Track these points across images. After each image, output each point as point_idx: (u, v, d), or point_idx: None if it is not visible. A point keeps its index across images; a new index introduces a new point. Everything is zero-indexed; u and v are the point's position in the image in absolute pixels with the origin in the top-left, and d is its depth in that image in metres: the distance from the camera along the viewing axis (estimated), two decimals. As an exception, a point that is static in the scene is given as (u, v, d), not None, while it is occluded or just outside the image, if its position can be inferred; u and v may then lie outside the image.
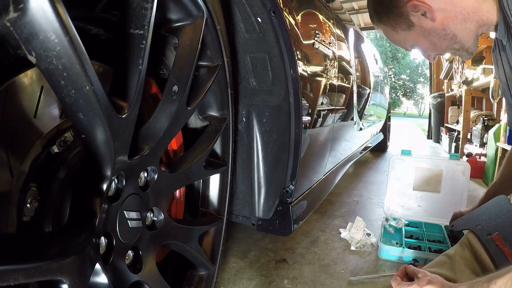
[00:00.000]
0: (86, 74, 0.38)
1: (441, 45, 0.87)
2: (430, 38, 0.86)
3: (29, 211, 0.48)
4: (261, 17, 0.85)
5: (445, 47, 0.87)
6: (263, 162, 1.03)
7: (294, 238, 1.47)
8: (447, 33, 0.83)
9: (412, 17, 0.84)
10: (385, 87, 3.20)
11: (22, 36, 0.33)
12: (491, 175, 2.63)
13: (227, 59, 0.78)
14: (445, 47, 0.88)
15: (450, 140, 4.37)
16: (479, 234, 0.91)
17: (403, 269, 0.89)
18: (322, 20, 1.21)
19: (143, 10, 0.48)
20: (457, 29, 0.83)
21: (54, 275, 0.38)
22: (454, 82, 4.65)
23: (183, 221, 0.82)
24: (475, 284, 0.69)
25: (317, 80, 1.14)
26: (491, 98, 2.91)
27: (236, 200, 1.09)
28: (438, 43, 0.87)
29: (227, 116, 0.84)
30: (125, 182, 0.56)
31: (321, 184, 1.43)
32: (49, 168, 0.51)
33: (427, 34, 0.86)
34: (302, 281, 1.14)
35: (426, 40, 0.88)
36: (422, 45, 0.90)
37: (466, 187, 1.57)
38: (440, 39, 0.85)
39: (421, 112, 33.73)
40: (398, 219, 1.59)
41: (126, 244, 0.58)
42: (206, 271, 0.84)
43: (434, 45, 0.88)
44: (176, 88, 0.60)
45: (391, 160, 1.69)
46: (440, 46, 0.88)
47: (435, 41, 0.87)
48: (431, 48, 0.90)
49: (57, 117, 0.51)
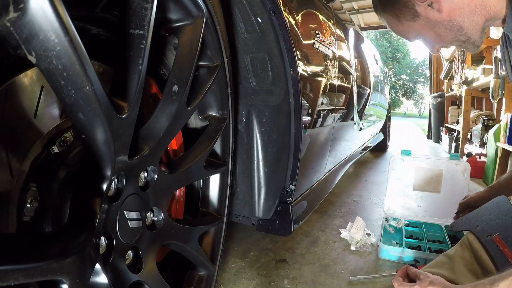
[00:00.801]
0: (86, 74, 0.38)
1: (447, 36, 0.85)
2: (436, 29, 0.85)
3: (29, 211, 0.48)
4: (261, 17, 0.85)
5: (451, 39, 0.85)
6: (263, 162, 1.03)
7: (294, 238, 1.47)
8: (453, 24, 0.82)
9: (418, 7, 0.82)
10: (385, 87, 3.20)
11: (22, 36, 0.33)
12: (491, 175, 2.63)
13: (227, 59, 0.78)
14: (451, 39, 0.86)
15: (450, 140, 4.37)
16: (479, 235, 0.91)
17: (405, 269, 0.89)
18: (322, 20, 1.21)
19: (143, 10, 0.48)
20: (464, 21, 0.81)
21: (54, 275, 0.38)
22: (454, 82, 4.66)
23: (183, 221, 0.82)
24: (477, 286, 0.68)
25: (317, 80, 1.14)
26: (491, 98, 2.91)
27: (236, 200, 1.09)
28: (444, 34, 0.85)
29: (227, 116, 0.84)
30: (125, 182, 0.56)
31: (321, 184, 1.43)
32: (49, 168, 0.51)
33: (432, 25, 0.84)
34: (302, 281, 1.14)
35: (431, 31, 0.86)
36: (427, 36, 0.88)
37: (466, 187, 1.57)
38: (446, 30, 0.84)
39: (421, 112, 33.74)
40: (398, 219, 1.59)
41: (126, 244, 0.58)
42: (206, 271, 0.84)
43: (439, 37, 0.86)
44: (176, 88, 0.60)
45: (391, 160, 1.69)
46: (446, 38, 0.86)
47: (440, 33, 0.85)
48: (436, 40, 0.88)
49: (57, 117, 0.51)
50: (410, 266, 0.89)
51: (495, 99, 2.90)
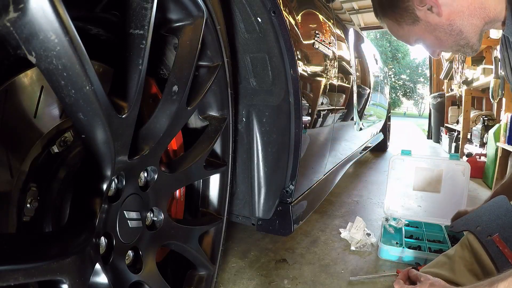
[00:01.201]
0: (86, 74, 0.38)
1: (447, 40, 0.86)
2: (436, 33, 0.85)
3: (29, 211, 0.48)
4: (261, 17, 0.85)
5: (450, 42, 0.86)
6: (263, 162, 1.03)
7: (294, 238, 1.47)
8: (453, 28, 0.82)
9: (418, 11, 0.82)
10: (385, 87, 3.20)
11: (22, 36, 0.33)
12: (491, 175, 2.63)
13: (227, 59, 0.78)
14: (451, 43, 0.86)
15: (450, 140, 4.37)
16: (479, 235, 0.91)
17: (406, 272, 0.89)
18: (322, 20, 1.21)
19: (143, 10, 0.48)
20: (463, 25, 0.81)
21: (54, 275, 0.38)
22: (454, 82, 4.65)
23: (183, 221, 0.82)
24: (477, 287, 0.68)
25: (317, 80, 1.14)
26: (491, 98, 2.91)
27: (236, 200, 1.09)
28: (444, 38, 0.85)
29: (227, 116, 0.84)
30: (125, 182, 0.56)
31: (321, 184, 1.43)
32: (49, 168, 0.51)
33: (432, 29, 0.85)
34: (302, 281, 1.14)
35: (431, 35, 0.86)
36: (427, 40, 0.89)
37: (466, 187, 1.57)
38: (446, 34, 0.84)
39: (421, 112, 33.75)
40: (398, 219, 1.59)
41: (126, 244, 0.58)
42: (206, 271, 0.84)
43: (439, 41, 0.87)
44: (176, 88, 0.60)
45: (391, 160, 1.69)
46: (445, 42, 0.86)
47: (440, 37, 0.85)
48: (436, 44, 0.89)
49: (57, 117, 0.51)
50: (412, 269, 0.90)
51: (495, 99, 2.90)
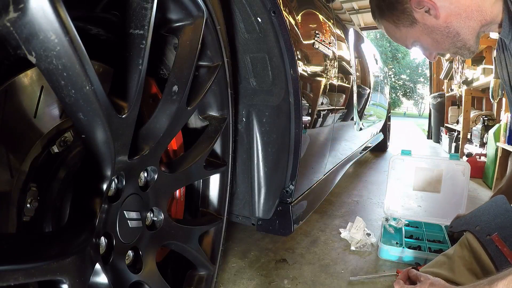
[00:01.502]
0: (86, 74, 0.38)
1: (444, 43, 0.86)
2: (433, 36, 0.86)
3: (29, 211, 0.48)
4: (261, 17, 0.85)
5: (447, 45, 0.86)
6: (263, 162, 1.03)
7: (294, 238, 1.47)
8: (450, 30, 0.83)
9: (415, 13, 0.83)
10: (385, 87, 3.20)
11: (22, 36, 0.33)
12: (491, 175, 2.63)
13: (227, 59, 0.78)
14: (448, 45, 0.87)
15: (450, 140, 4.37)
16: (478, 235, 0.91)
17: (406, 272, 0.89)
18: (322, 20, 1.21)
19: (143, 10, 0.48)
20: (460, 27, 0.82)
21: (54, 275, 0.38)
22: (454, 82, 4.65)
23: (183, 221, 0.82)
24: (476, 286, 0.68)
25: (317, 80, 1.14)
26: (491, 98, 2.91)
27: (236, 200, 1.09)
28: (441, 40, 0.86)
29: (227, 116, 0.84)
30: (125, 182, 0.55)
31: (321, 184, 1.43)
32: (49, 168, 0.51)
33: (430, 32, 0.85)
34: (302, 281, 1.14)
35: (428, 37, 0.87)
36: (424, 42, 0.89)
37: (466, 187, 1.57)
38: (443, 36, 0.85)
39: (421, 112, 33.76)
40: (398, 219, 1.59)
41: (126, 244, 0.58)
42: (206, 271, 0.84)
43: (437, 43, 0.87)
44: (176, 88, 0.60)
45: (391, 160, 1.69)
46: (442, 44, 0.87)
47: (437, 39, 0.86)
48: (433, 46, 0.89)
49: (57, 117, 0.51)
50: (412, 269, 0.90)
51: (495, 99, 2.90)
